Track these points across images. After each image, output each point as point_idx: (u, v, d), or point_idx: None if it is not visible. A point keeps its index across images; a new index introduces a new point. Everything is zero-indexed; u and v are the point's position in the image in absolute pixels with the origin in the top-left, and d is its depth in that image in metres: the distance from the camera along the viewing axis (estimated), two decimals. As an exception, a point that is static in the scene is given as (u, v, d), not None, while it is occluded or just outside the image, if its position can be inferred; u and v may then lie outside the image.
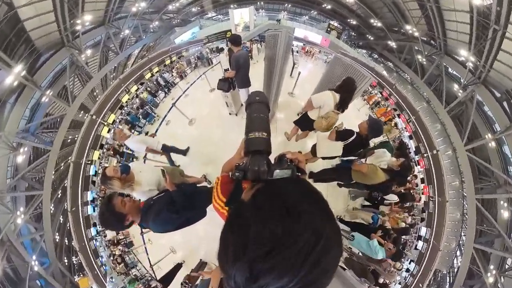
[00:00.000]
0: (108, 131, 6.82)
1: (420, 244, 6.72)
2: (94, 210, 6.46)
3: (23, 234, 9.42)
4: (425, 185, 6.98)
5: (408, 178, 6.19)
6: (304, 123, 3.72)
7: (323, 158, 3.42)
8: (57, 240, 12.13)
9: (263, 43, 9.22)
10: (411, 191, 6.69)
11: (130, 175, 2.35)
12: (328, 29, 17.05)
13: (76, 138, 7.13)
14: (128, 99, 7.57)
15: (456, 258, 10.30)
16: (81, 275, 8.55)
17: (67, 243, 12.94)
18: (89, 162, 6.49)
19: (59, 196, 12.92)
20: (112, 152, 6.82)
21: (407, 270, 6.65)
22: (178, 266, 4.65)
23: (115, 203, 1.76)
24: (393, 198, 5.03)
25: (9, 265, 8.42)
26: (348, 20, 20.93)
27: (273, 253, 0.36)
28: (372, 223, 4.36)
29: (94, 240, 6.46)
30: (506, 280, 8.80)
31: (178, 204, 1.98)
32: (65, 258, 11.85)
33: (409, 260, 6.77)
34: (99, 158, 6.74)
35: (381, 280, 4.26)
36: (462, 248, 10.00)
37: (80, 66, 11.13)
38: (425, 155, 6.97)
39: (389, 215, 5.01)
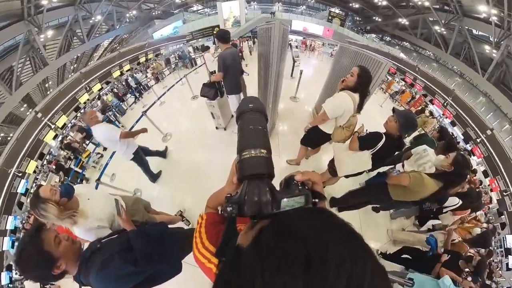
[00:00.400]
0: (54, 137, 6.56)
1: (511, 260, 5.84)
2: (12, 246, 5.83)
3: None
4: (490, 178, 6.53)
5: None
6: (316, 139, 3.61)
7: (346, 176, 3.19)
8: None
9: (256, 39, 9.63)
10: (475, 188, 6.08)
11: (73, 201, 2.11)
12: (330, 17, 18.63)
13: (9, 138, 6.77)
14: (88, 99, 7.49)
15: None
16: None
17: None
18: (20, 174, 6.07)
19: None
20: (54, 167, 6.43)
21: (505, 306, 5.55)
22: None
23: (44, 238, 1.52)
24: (453, 202, 4.31)
25: None
26: (350, 4, 22.78)
27: None
28: (430, 248, 3.88)
29: (3, 292, 5.71)
30: None
31: (138, 252, 1.76)
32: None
33: (505, 289, 6.00)
34: (35, 171, 6.36)
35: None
36: None
37: (36, 48, 11.12)
38: (478, 140, 6.72)
39: (455, 223, 4.50)
